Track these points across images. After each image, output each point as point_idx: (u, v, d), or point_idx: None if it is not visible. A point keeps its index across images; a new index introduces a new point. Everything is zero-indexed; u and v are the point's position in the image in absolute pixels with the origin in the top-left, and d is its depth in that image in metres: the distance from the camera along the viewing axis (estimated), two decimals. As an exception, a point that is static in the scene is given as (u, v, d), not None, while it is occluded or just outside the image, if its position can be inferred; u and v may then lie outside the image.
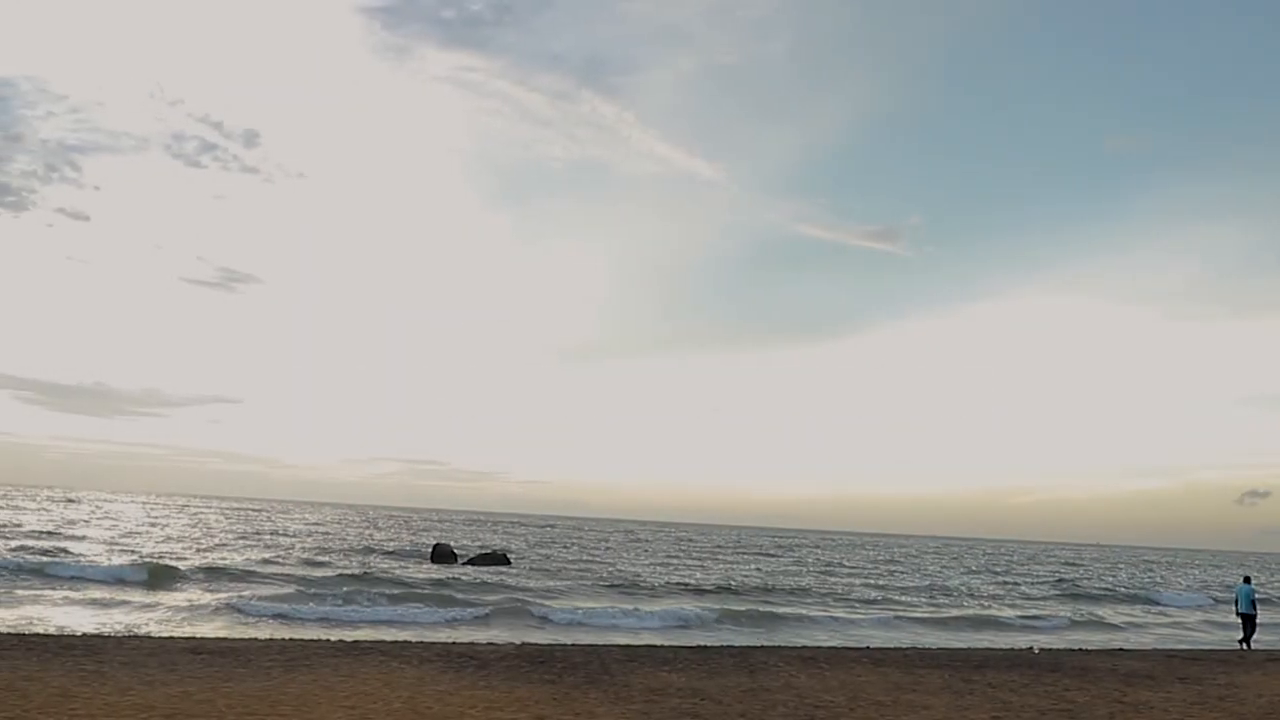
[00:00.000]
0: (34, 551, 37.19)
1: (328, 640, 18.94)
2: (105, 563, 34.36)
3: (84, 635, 18.19)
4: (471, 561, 46.16)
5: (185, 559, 38.14)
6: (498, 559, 46.95)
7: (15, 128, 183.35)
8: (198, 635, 19.67)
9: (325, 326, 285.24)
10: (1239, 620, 29.05)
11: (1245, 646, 27.73)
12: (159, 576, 30.90)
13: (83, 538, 47.96)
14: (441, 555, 49.11)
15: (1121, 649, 26.00)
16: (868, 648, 22.85)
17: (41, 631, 18.69)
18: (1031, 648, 24.69)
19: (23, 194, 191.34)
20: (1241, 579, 30.72)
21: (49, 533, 49.51)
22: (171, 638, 18.54)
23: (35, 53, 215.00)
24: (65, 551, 38.47)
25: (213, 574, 33.13)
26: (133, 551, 40.74)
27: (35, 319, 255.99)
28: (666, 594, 36.73)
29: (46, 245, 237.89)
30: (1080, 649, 25.09)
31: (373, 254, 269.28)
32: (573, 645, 20.03)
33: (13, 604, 24.08)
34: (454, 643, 19.39)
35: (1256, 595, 29.64)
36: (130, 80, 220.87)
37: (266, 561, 39.82)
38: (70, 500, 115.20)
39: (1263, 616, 31.55)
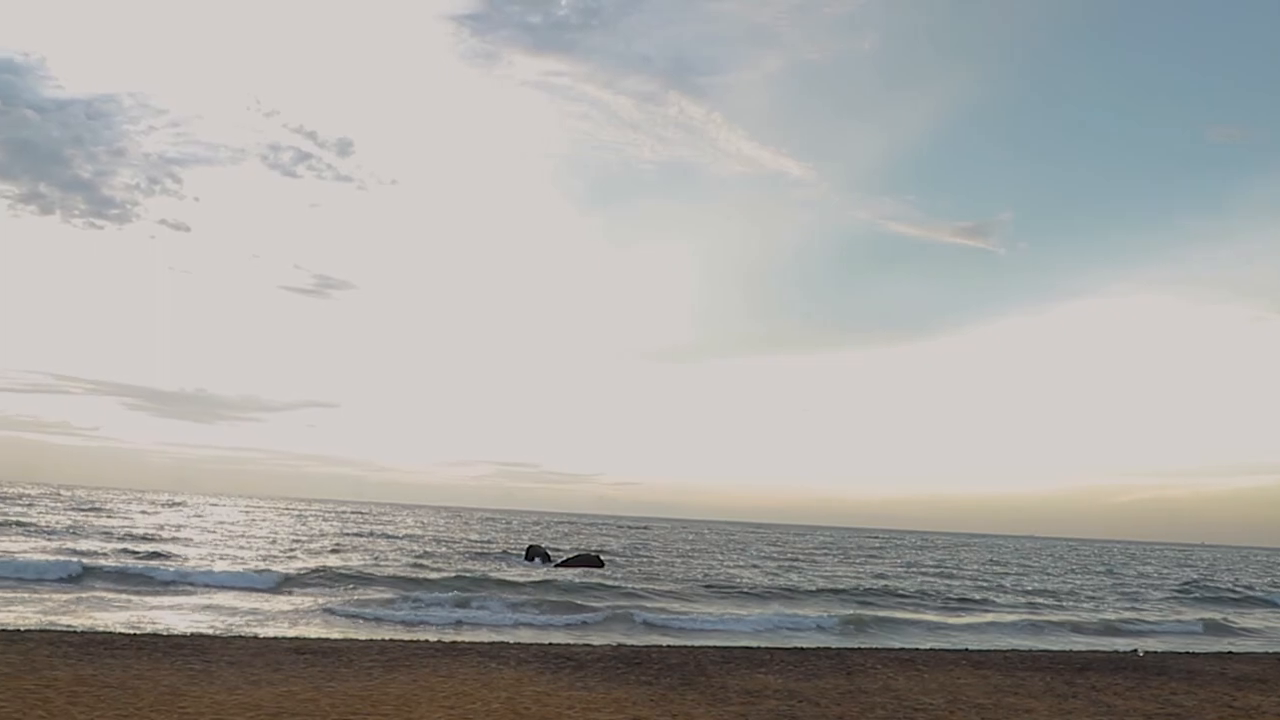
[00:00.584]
0: (141, 555, 38.35)
1: (427, 641, 19.22)
2: (210, 565, 35.30)
3: (191, 635, 18.73)
4: (566, 563, 46.40)
5: (288, 561, 39.06)
6: (591, 560, 47.08)
7: (119, 142, 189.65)
8: (301, 636, 20.10)
9: (419, 331, 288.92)
10: None
11: None
12: (263, 578, 31.61)
13: (188, 541, 49.27)
14: (535, 556, 49.56)
15: (1230, 651, 25.15)
16: (966, 650, 22.45)
17: (151, 632, 19.26)
18: (1136, 650, 24.03)
19: (126, 206, 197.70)
20: None
21: (155, 536, 50.92)
22: (276, 638, 18.97)
23: (136, 69, 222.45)
24: (171, 555, 39.59)
25: (315, 576, 33.75)
26: (237, 554, 41.83)
27: (140, 328, 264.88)
28: (766, 596, 36.45)
29: (149, 256, 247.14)
30: (1187, 652, 24.33)
31: (465, 259, 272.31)
32: (669, 646, 20.04)
33: (122, 605, 24.82)
34: (550, 644, 19.51)
35: None
36: (227, 93, 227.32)
37: (366, 563, 40.49)
38: (175, 504, 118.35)
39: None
